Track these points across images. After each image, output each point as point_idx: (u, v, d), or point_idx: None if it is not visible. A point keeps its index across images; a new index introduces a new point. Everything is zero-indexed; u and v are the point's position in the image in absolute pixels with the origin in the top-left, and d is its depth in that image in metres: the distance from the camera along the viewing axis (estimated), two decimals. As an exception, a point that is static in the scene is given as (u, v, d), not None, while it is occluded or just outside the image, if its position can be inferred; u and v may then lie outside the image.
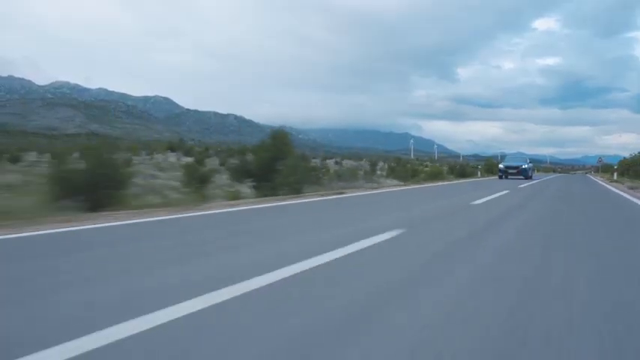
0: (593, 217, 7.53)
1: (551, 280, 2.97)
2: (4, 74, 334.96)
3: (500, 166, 25.29)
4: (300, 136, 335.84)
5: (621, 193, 13.94)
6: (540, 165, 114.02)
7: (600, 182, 23.65)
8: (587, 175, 51.79)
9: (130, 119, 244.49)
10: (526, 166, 24.53)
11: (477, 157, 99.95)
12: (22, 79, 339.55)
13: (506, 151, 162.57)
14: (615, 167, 33.25)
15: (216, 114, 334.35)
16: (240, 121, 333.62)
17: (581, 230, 5.68)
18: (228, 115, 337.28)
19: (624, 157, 38.43)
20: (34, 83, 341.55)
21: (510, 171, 24.20)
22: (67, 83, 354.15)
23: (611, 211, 8.80)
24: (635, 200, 10.78)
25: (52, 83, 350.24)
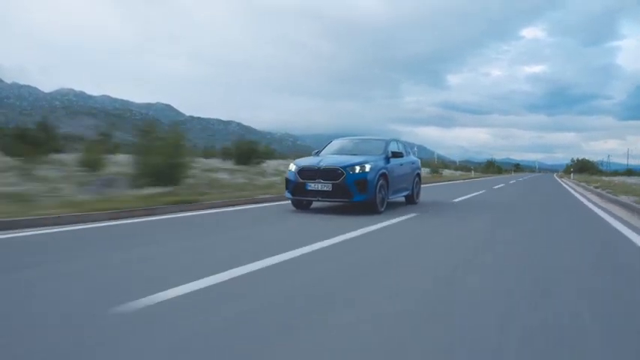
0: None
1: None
2: (8, 81, 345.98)
3: (292, 167, 8.34)
4: (298, 142, 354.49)
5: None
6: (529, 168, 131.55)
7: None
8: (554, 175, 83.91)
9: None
10: (368, 166, 7.81)
11: (468, 162, 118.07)
12: (28, 86, 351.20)
13: (497, 157, 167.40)
14: (571, 169, 54.68)
15: (219, 121, 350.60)
16: (242, 127, 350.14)
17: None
18: (230, 122, 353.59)
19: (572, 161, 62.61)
20: (40, 90, 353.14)
21: (313, 185, 7.84)
22: (72, 90, 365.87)
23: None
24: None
25: (57, 90, 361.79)
